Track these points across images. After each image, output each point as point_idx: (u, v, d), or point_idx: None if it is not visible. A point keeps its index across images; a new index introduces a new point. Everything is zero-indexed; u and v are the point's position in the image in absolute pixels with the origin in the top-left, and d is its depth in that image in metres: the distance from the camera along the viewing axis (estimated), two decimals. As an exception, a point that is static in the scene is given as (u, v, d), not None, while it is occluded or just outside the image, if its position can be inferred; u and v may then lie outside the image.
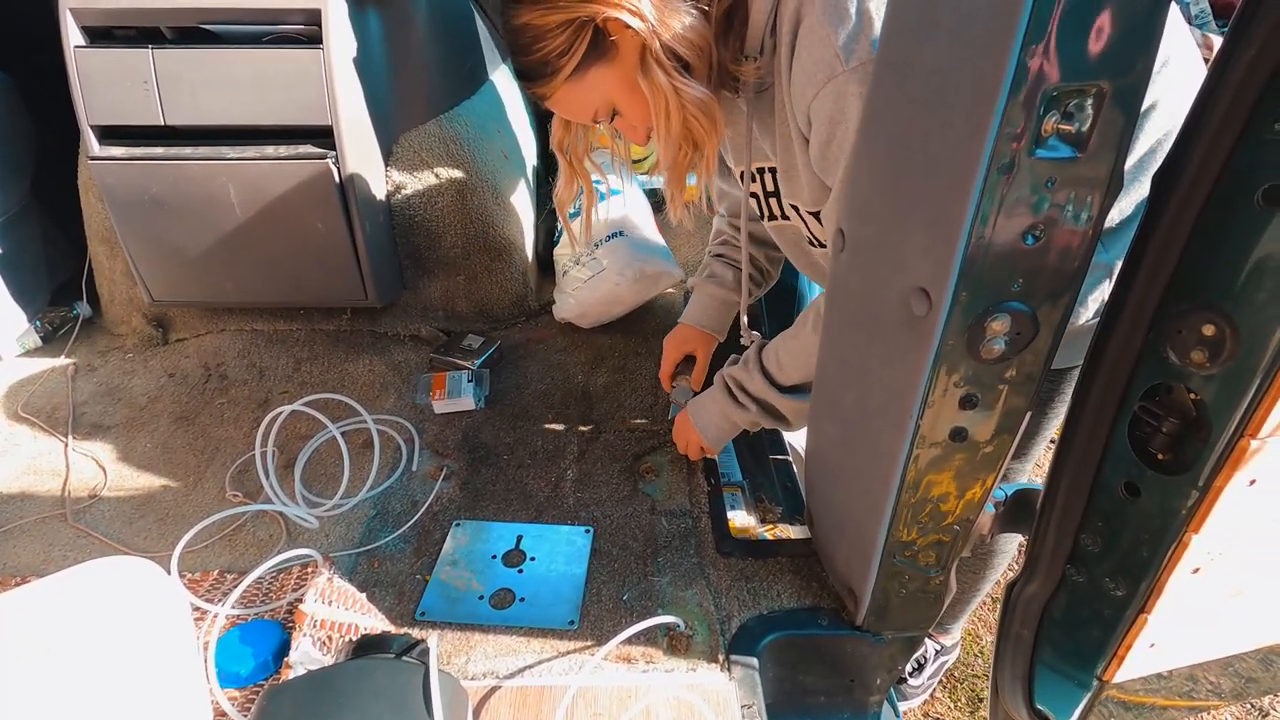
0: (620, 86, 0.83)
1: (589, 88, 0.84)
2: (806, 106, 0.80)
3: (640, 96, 0.83)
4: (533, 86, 0.85)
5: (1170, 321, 0.59)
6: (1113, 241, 0.85)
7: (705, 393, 1.18)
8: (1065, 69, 0.50)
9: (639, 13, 0.76)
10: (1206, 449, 0.59)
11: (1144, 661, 0.72)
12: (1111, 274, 0.87)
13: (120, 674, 0.68)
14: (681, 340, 1.30)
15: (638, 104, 0.85)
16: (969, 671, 1.66)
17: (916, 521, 0.77)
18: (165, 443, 1.30)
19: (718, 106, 0.85)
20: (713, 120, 0.84)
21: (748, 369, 1.09)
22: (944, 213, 0.58)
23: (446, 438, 1.28)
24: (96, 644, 0.69)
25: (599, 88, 0.84)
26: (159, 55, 1.24)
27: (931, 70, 0.58)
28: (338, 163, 1.30)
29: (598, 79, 0.83)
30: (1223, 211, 0.54)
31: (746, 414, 1.10)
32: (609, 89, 0.84)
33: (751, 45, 0.84)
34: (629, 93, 0.84)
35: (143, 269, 1.42)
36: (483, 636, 0.92)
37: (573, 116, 0.93)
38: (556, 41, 0.79)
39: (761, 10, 0.81)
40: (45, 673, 0.65)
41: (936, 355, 0.63)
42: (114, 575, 0.75)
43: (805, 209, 0.93)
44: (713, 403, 1.14)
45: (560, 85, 0.83)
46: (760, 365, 1.08)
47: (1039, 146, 0.53)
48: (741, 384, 1.10)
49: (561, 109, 0.90)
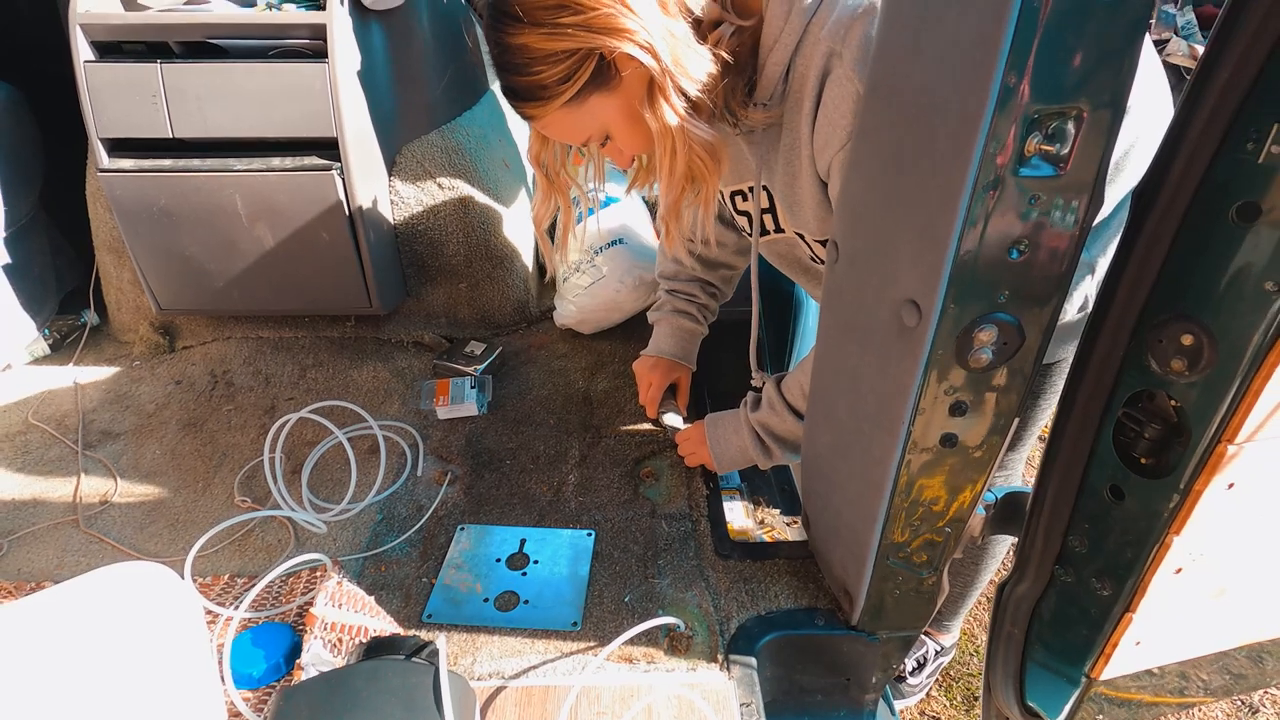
0: (619, 115, 0.81)
1: (586, 114, 0.81)
2: (830, 156, 0.81)
3: (639, 128, 0.81)
4: (523, 107, 0.81)
5: (1151, 331, 0.61)
6: (1091, 240, 0.87)
7: (726, 420, 1.17)
8: (1046, 92, 0.53)
9: (652, 50, 0.74)
10: (1187, 454, 0.61)
11: (1130, 659, 0.75)
12: (1093, 269, 0.89)
13: (137, 676, 0.71)
14: (666, 372, 1.31)
15: (636, 134, 0.83)
16: (964, 670, 1.68)
17: (909, 524, 0.79)
18: (174, 449, 1.32)
19: (724, 148, 0.84)
20: (716, 161, 0.83)
21: (776, 412, 1.08)
22: (933, 228, 0.61)
23: (450, 443, 1.31)
24: (114, 647, 0.71)
25: (597, 115, 0.81)
26: (167, 69, 1.26)
27: (919, 92, 0.61)
28: (342, 174, 1.32)
29: (597, 106, 0.80)
30: (1200, 226, 0.57)
31: (768, 459, 1.12)
32: (607, 117, 0.82)
33: (762, 94, 0.84)
34: (628, 123, 0.81)
35: (150, 278, 1.45)
36: (488, 638, 0.94)
37: (561, 139, 0.90)
38: (557, 68, 0.76)
39: (778, 62, 0.80)
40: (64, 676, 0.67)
41: (927, 364, 0.66)
42: (129, 580, 0.77)
43: (811, 237, 0.95)
44: (735, 436, 1.15)
45: (554, 110, 0.80)
46: (787, 404, 1.07)
47: (1022, 166, 0.56)
48: (770, 428, 1.10)
49: (551, 131, 0.87)
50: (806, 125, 0.81)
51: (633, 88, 0.78)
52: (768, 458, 1.12)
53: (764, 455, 1.12)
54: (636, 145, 0.85)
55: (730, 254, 1.29)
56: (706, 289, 1.32)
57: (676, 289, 1.32)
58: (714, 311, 1.35)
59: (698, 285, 1.31)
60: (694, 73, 0.77)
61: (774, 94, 0.83)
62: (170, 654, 0.74)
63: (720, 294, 1.34)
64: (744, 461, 1.16)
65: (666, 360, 1.32)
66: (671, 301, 1.33)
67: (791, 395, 1.07)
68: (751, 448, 1.12)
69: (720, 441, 1.17)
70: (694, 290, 1.31)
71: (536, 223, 1.03)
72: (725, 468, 1.19)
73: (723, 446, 1.17)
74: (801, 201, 0.90)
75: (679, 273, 1.32)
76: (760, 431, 1.11)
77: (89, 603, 0.75)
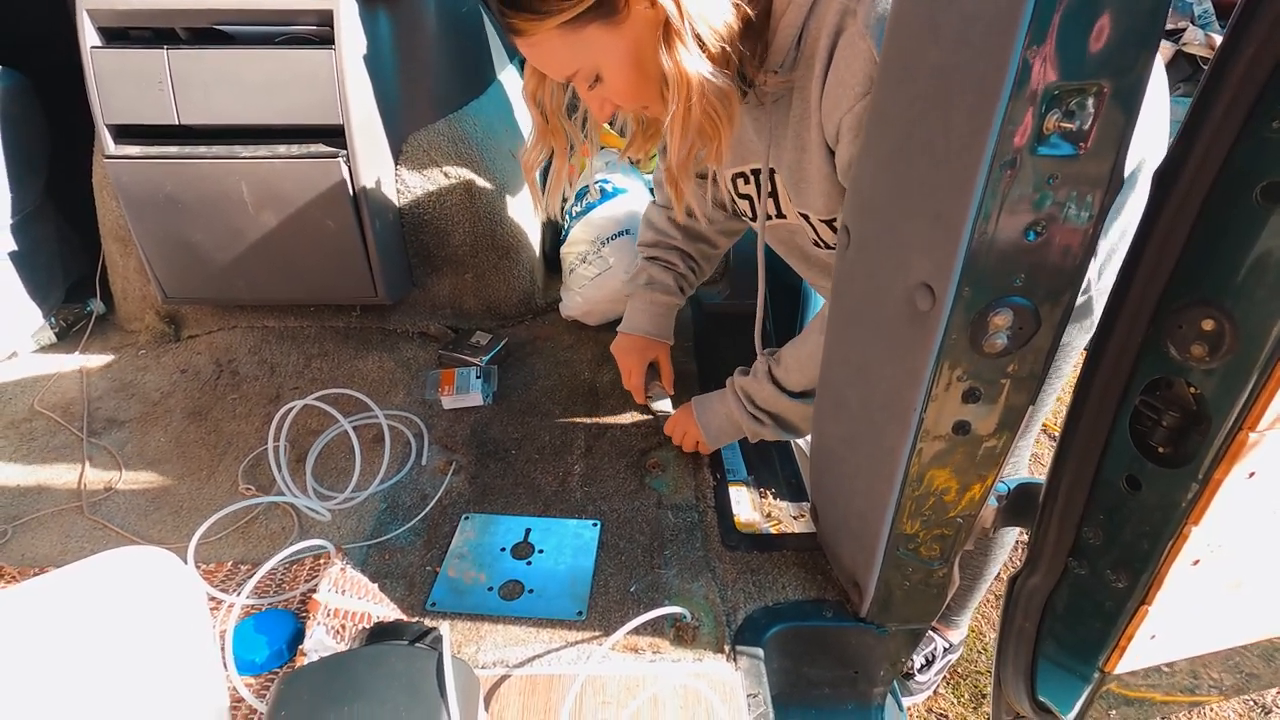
0: (616, 57, 0.76)
1: (579, 44, 0.75)
2: (839, 117, 0.78)
3: (636, 74, 0.77)
4: (515, 17, 0.74)
5: (1170, 316, 0.60)
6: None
7: (714, 393, 1.19)
8: (1066, 69, 0.52)
9: None
10: (1206, 442, 0.60)
11: (1145, 653, 0.73)
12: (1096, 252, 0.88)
13: (139, 660, 0.70)
14: (642, 350, 1.30)
15: (628, 82, 0.78)
16: (972, 668, 1.67)
17: (920, 514, 0.78)
18: (178, 437, 1.32)
19: (737, 103, 0.80)
20: (729, 113, 0.79)
21: (757, 380, 1.09)
22: (948, 209, 0.60)
23: (455, 433, 1.30)
24: (116, 630, 0.71)
25: (591, 49, 0.75)
26: (174, 55, 1.26)
27: (935, 70, 0.59)
28: (348, 161, 1.32)
29: (594, 39, 0.74)
30: (1222, 208, 0.55)
31: (755, 425, 1.11)
32: (602, 54, 0.76)
33: (775, 59, 0.81)
34: (622, 67, 0.77)
35: (156, 266, 1.44)
36: (492, 627, 0.93)
37: (544, 68, 0.83)
38: None
39: (790, 24, 0.78)
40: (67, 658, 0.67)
41: (940, 350, 0.64)
42: (132, 564, 0.77)
43: (817, 217, 0.92)
44: (720, 404, 1.16)
45: (547, 29, 0.73)
46: (770, 376, 1.08)
47: (1041, 144, 0.54)
48: (750, 395, 1.10)
49: (535, 55, 0.80)
50: (817, 88, 0.78)
51: (638, 29, 0.74)
52: (756, 425, 1.11)
53: (752, 422, 1.11)
54: (624, 94, 0.81)
55: (715, 231, 1.27)
56: (686, 260, 1.29)
57: (656, 256, 1.29)
58: (692, 285, 1.32)
59: (677, 254, 1.29)
60: (714, 22, 0.74)
61: (786, 59, 0.80)
62: (172, 638, 0.74)
63: (698, 269, 1.31)
64: (733, 431, 1.15)
65: (641, 339, 1.31)
66: (649, 270, 1.29)
67: (777, 369, 1.07)
68: (736, 413, 1.12)
69: (707, 412, 1.16)
70: (673, 259, 1.28)
71: (526, 168, 0.97)
72: (716, 441, 1.18)
73: (709, 417, 1.16)
74: (809, 178, 0.87)
75: (660, 241, 1.29)
76: (741, 396, 1.11)
77: (92, 586, 0.74)
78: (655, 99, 0.81)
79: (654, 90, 0.80)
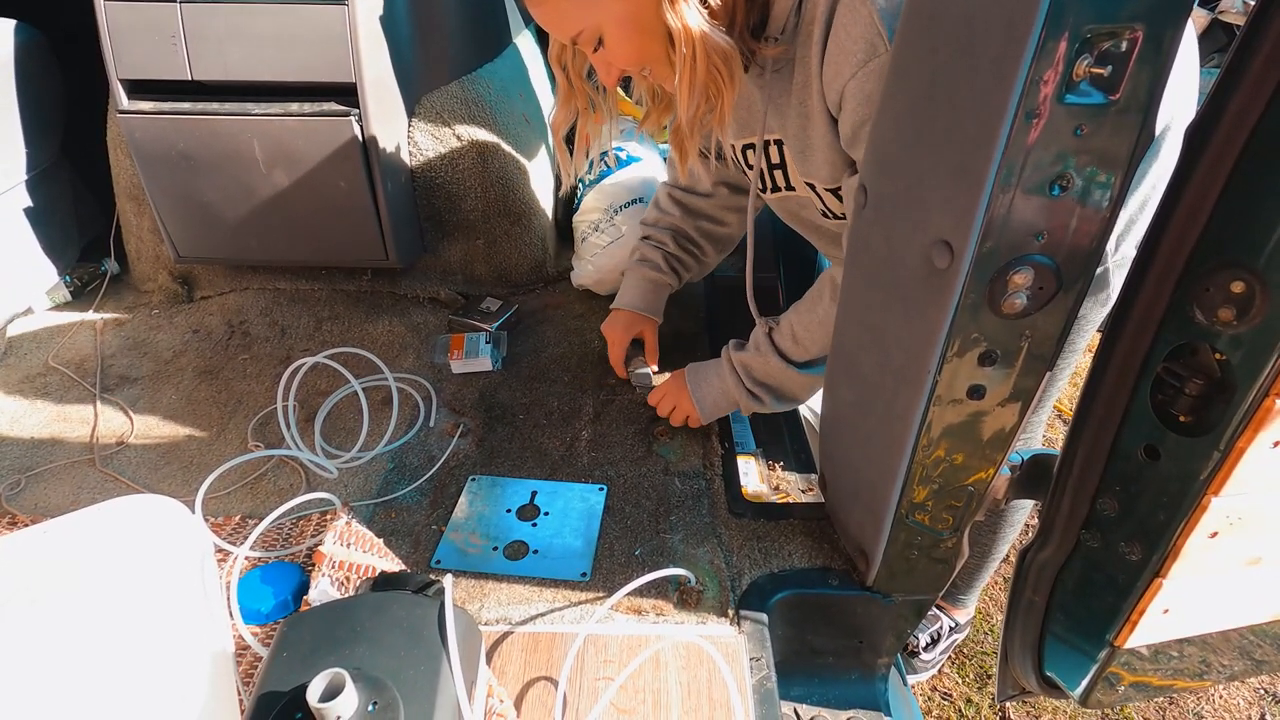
0: (619, 19, 0.78)
1: (584, 4, 0.77)
2: (841, 85, 0.77)
3: (638, 38, 0.78)
4: None
5: (1198, 279, 0.58)
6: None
7: (707, 365, 1.16)
8: (1101, 10, 0.49)
9: None
10: (1230, 409, 0.58)
11: (1157, 627, 0.72)
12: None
13: (145, 603, 0.71)
14: (627, 325, 1.30)
15: (631, 45, 0.80)
16: (978, 649, 1.66)
17: (930, 481, 0.77)
18: (190, 395, 1.33)
19: (738, 61, 0.81)
20: (732, 75, 0.81)
21: (760, 353, 1.07)
22: (969, 162, 0.58)
23: (464, 396, 1.30)
24: (123, 574, 0.71)
25: (595, 10, 0.78)
26: (186, 10, 1.24)
27: (961, 17, 0.57)
28: (360, 120, 1.30)
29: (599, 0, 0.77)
30: (1256, 166, 0.53)
31: (751, 401, 1.10)
32: (606, 16, 0.78)
33: (774, 27, 0.81)
34: (625, 30, 0.78)
35: (169, 226, 1.44)
36: (496, 585, 0.93)
37: (550, 28, 0.84)
38: None
39: None
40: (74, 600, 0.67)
41: (957, 309, 0.63)
42: (139, 512, 0.77)
43: (822, 186, 0.91)
44: (716, 379, 1.13)
45: None
46: (774, 347, 1.06)
47: (1069, 91, 0.52)
48: (749, 369, 1.08)
49: (540, 14, 0.82)
50: (817, 55, 0.78)
51: None
52: (752, 401, 1.09)
53: (749, 399, 1.09)
54: (627, 57, 0.82)
55: (718, 207, 1.25)
56: (680, 239, 1.28)
57: (649, 235, 1.30)
58: (688, 266, 1.31)
59: (669, 234, 1.28)
60: None
61: (786, 26, 0.80)
62: (178, 583, 0.74)
63: (696, 248, 1.30)
64: (727, 405, 1.14)
65: (628, 313, 1.30)
66: (641, 248, 1.30)
67: (780, 338, 1.05)
68: (733, 388, 1.10)
69: (702, 385, 1.15)
70: (664, 238, 1.28)
71: (554, 129, 0.99)
72: (709, 415, 1.16)
73: (703, 390, 1.14)
74: (813, 146, 0.86)
75: (659, 220, 1.29)
76: (740, 371, 1.09)
77: (100, 531, 0.75)
78: (657, 61, 0.82)
79: (656, 51, 0.81)
